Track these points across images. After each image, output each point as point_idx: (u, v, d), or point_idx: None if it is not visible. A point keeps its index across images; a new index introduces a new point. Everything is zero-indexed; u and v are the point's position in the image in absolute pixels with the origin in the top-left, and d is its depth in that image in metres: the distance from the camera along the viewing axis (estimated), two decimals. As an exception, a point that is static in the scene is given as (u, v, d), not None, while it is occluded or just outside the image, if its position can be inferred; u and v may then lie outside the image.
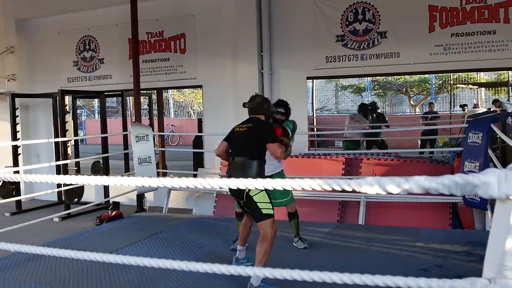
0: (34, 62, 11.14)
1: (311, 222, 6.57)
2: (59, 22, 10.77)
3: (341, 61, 8.32)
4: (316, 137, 12.58)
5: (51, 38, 10.93)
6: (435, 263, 4.73)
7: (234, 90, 8.92)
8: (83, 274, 4.57)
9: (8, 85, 10.95)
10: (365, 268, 4.03)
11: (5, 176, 2.66)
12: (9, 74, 11.08)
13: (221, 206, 7.84)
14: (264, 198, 4.15)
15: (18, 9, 10.96)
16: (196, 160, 10.03)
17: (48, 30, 10.96)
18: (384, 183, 1.53)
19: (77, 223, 8.10)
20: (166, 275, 4.36)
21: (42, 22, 11.02)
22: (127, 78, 9.62)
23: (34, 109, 11.02)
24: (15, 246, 2.22)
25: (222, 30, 9.06)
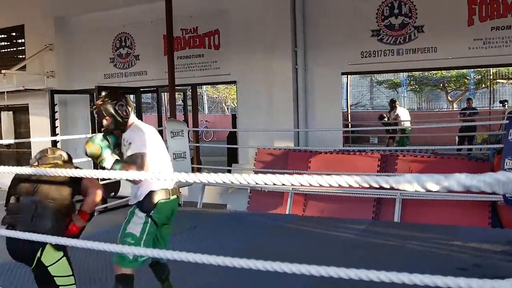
0: (72, 59, 11.37)
1: (346, 219, 6.51)
2: (96, 20, 10.96)
3: (377, 56, 8.20)
4: (351, 133, 12.45)
5: (88, 35, 11.13)
6: (474, 262, 4.62)
7: (268, 86, 8.90)
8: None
9: (47, 82, 11.23)
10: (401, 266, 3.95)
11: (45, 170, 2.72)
12: (48, 71, 11.35)
13: (255, 201, 7.85)
14: (63, 267, 2.99)
15: (56, 8, 11.20)
16: (230, 156, 10.07)
17: (85, 27, 11.17)
18: (423, 180, 1.49)
19: (114, 216, 8.23)
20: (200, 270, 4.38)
21: (79, 20, 11.24)
22: (162, 74, 9.72)
23: (72, 105, 11.26)
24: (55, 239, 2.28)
25: (256, 25, 9.05)
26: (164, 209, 3.32)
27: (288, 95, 8.70)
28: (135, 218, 3.27)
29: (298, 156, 7.95)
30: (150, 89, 10.96)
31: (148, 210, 3.25)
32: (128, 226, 3.24)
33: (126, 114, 3.38)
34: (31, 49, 11.60)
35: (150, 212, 3.25)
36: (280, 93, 8.79)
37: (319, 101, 8.67)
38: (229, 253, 1.84)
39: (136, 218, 3.27)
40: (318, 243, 5.43)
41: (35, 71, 11.48)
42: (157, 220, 3.28)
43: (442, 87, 21.18)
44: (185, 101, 11.15)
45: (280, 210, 7.48)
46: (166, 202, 3.33)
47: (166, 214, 3.36)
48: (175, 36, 9.25)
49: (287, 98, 8.71)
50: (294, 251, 5.02)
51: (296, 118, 8.74)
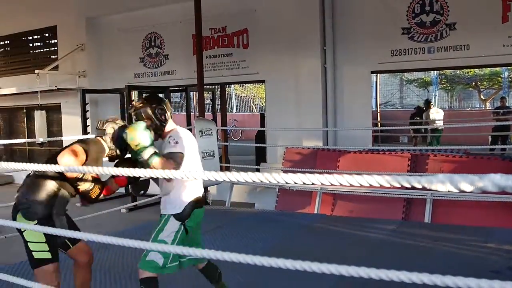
0: (103, 59, 11.55)
1: (375, 219, 6.44)
2: (126, 20, 11.10)
3: (407, 54, 8.09)
4: (380, 133, 12.32)
5: (118, 35, 11.28)
6: (508, 265, 4.51)
7: (297, 85, 8.88)
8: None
9: (79, 81, 11.44)
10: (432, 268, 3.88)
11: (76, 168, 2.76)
12: (80, 71, 11.56)
13: (283, 200, 7.84)
14: (36, 235, 2.98)
15: (88, 8, 11.39)
16: (259, 155, 10.08)
17: (115, 28, 11.32)
18: (456, 180, 1.46)
19: (143, 214, 8.34)
20: (228, 268, 4.38)
21: (110, 20, 11.40)
22: (191, 73, 9.79)
23: (102, 104, 11.42)
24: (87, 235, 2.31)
25: (285, 24, 9.02)
26: (198, 217, 3.33)
27: (317, 94, 8.65)
28: (168, 226, 3.23)
29: (326, 156, 7.90)
30: (179, 88, 11.04)
31: (184, 219, 3.23)
32: (161, 234, 3.19)
33: (165, 119, 3.36)
34: (64, 49, 11.83)
35: (185, 221, 3.24)
36: (309, 92, 8.75)
37: (348, 100, 8.60)
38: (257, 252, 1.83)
39: (169, 226, 3.22)
40: (346, 243, 5.38)
41: (67, 71, 11.70)
42: (189, 229, 3.27)
43: (475, 85, 20.76)
44: (213, 100, 11.20)
45: (308, 210, 7.45)
46: (200, 210, 3.35)
47: (198, 221, 3.37)
48: (204, 35, 9.29)
49: (316, 97, 8.66)
50: (322, 251, 4.99)
51: (325, 117, 8.68)
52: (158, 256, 3.13)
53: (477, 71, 19.38)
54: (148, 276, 3.13)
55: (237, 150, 13.17)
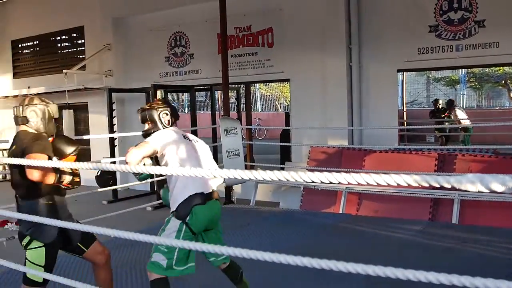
0: (129, 58, 11.67)
1: (401, 219, 6.37)
2: (152, 20, 11.20)
3: (434, 52, 7.97)
4: (406, 132, 12.16)
5: (144, 35, 11.39)
6: (538, 267, 4.41)
7: (322, 84, 8.83)
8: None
9: (105, 81, 11.58)
10: (460, 269, 3.81)
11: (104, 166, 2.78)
12: (106, 70, 11.71)
13: (308, 200, 7.80)
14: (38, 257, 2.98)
15: (114, 9, 11.53)
16: (283, 154, 10.05)
17: (141, 27, 11.43)
18: (487, 180, 1.42)
19: (168, 212, 8.39)
20: (252, 267, 4.38)
21: (136, 20, 11.51)
22: (215, 72, 9.82)
23: (129, 103, 11.54)
24: (114, 232, 2.34)
25: (310, 23, 8.98)
26: (201, 215, 3.17)
27: (342, 92, 8.59)
28: (169, 225, 3.20)
29: (352, 155, 7.85)
30: (204, 87, 11.09)
31: (183, 217, 3.15)
32: (163, 234, 3.18)
33: (168, 123, 3.47)
34: (91, 49, 12.00)
35: (185, 219, 3.14)
36: (334, 90, 8.69)
37: (374, 99, 8.52)
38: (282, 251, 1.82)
39: (170, 225, 3.19)
40: (372, 243, 5.33)
41: (94, 71, 11.87)
42: (193, 228, 3.15)
43: (504, 84, 20.33)
44: (238, 99, 11.23)
45: (333, 209, 7.40)
46: (202, 207, 3.18)
47: (203, 220, 3.21)
48: (228, 34, 9.31)
49: (341, 96, 8.60)
50: (347, 250, 4.95)
51: (350, 116, 8.62)
52: (161, 258, 3.10)
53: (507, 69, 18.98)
54: (156, 278, 3.11)
55: (262, 149, 13.16)
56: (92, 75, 11.84)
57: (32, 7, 13.48)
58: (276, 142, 11.43)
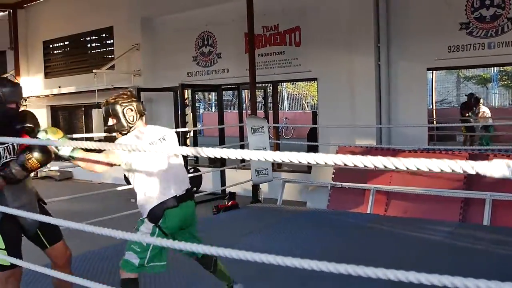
0: (157, 58, 11.78)
1: (431, 220, 6.26)
2: (179, 20, 11.28)
3: (465, 50, 7.82)
4: (436, 131, 11.97)
5: (172, 34, 11.48)
6: None
7: (349, 83, 8.76)
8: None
9: (134, 80, 11.72)
10: (492, 272, 3.74)
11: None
12: (135, 70, 11.85)
13: (335, 199, 7.74)
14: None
15: (143, 9, 11.66)
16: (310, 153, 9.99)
17: (169, 27, 11.52)
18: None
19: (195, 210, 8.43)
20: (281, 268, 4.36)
21: (164, 20, 11.61)
22: (243, 71, 9.83)
23: (157, 102, 11.65)
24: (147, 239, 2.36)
25: (338, 21, 8.92)
26: (173, 218, 3.15)
27: (370, 92, 8.50)
28: (142, 227, 3.16)
29: (380, 154, 7.65)
30: (231, 86, 11.11)
31: (155, 220, 3.12)
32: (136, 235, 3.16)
33: (133, 120, 3.25)
34: (119, 49, 12.16)
35: (158, 222, 3.12)
36: (362, 90, 8.61)
37: (402, 98, 8.40)
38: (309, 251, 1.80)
39: (144, 228, 3.16)
40: (400, 244, 5.25)
41: (123, 70, 12.02)
42: (166, 230, 3.12)
43: (538, 82, 19.86)
44: (265, 98, 11.22)
45: (361, 209, 7.32)
46: (174, 209, 3.15)
47: (176, 222, 3.19)
48: (256, 33, 9.30)
49: (369, 95, 8.51)
50: (375, 251, 4.89)
51: (379, 115, 8.52)
52: (133, 256, 3.09)
53: (541, 67, 18.53)
54: (126, 277, 3.10)
55: (289, 148, 13.10)
56: (121, 75, 11.99)
57: (63, 9, 13.72)
58: (303, 141, 11.38)
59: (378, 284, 3.87)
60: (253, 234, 5.85)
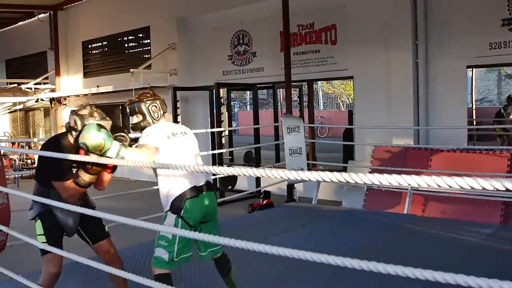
0: (192, 57, 11.87)
1: (470, 222, 6.10)
2: (215, 19, 11.34)
3: (508, 47, 7.58)
4: (476, 131, 11.68)
5: (207, 34, 11.55)
6: None
7: (386, 81, 8.63)
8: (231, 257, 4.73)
9: (170, 79, 11.85)
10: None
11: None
12: (171, 69, 11.97)
13: (371, 199, 7.65)
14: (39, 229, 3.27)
15: (179, 8, 11.77)
16: (346, 152, 9.91)
17: (205, 26, 11.60)
18: None
19: (230, 209, 8.47)
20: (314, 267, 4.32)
21: (199, 19, 11.70)
22: (278, 70, 9.80)
23: (192, 101, 11.75)
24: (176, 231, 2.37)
25: (375, 19, 8.79)
26: (195, 208, 3.25)
27: (407, 90, 8.36)
28: (166, 221, 3.25)
29: (418, 154, 7.61)
30: (267, 85, 11.11)
31: (177, 211, 3.22)
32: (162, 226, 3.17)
33: (157, 117, 3.40)
34: (156, 49, 12.31)
35: (180, 213, 3.21)
36: (400, 88, 8.47)
37: (441, 96, 8.22)
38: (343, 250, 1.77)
39: (167, 221, 3.25)
40: (438, 246, 5.13)
41: (159, 70, 12.16)
42: (189, 221, 3.22)
43: None
44: (300, 97, 11.17)
45: (397, 210, 7.21)
46: (195, 199, 3.24)
47: (197, 212, 3.28)
48: (291, 32, 9.28)
49: (407, 94, 8.37)
50: (412, 252, 4.80)
51: (416, 114, 8.37)
52: (162, 252, 3.19)
53: None
54: (159, 273, 3.18)
55: (324, 147, 13.03)
56: (157, 74, 12.14)
57: (101, 10, 13.98)
58: (338, 140, 11.28)
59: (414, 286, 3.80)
60: (286, 232, 5.83)
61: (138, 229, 3.50)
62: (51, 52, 15.56)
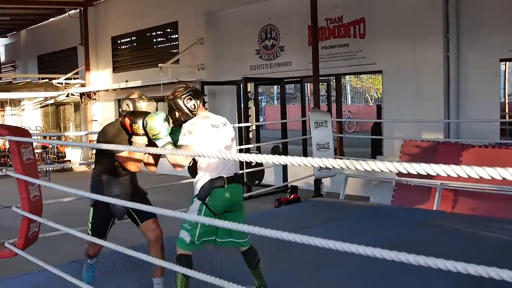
0: (220, 52, 11.90)
1: (503, 219, 5.97)
2: (242, 13, 11.33)
3: (543, 40, 7.38)
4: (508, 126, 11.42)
5: (235, 28, 11.56)
6: None
7: (416, 75, 8.50)
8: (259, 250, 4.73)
9: (198, 74, 11.91)
10: None
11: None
12: (199, 64, 12.03)
13: (400, 195, 7.55)
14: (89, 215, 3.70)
15: (207, 3, 11.81)
16: (374, 147, 9.80)
17: (233, 21, 11.60)
18: None
19: (257, 204, 8.48)
20: (343, 260, 4.30)
21: (227, 14, 11.71)
22: (306, 64, 9.75)
23: (220, 96, 11.79)
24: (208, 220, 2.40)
25: (404, 12, 8.66)
26: (220, 197, 3.38)
27: (438, 84, 8.21)
28: (192, 206, 3.43)
29: (448, 149, 7.47)
30: (294, 79, 11.06)
31: (202, 198, 3.38)
32: (187, 213, 3.39)
33: (194, 107, 3.52)
34: (184, 43, 12.39)
35: (205, 200, 3.37)
36: (430, 82, 8.33)
37: (473, 90, 8.05)
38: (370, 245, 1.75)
39: (193, 206, 3.42)
40: (469, 243, 5.04)
41: (187, 64, 12.24)
42: (212, 208, 3.37)
43: None
44: (328, 91, 11.09)
45: (426, 206, 7.10)
46: (221, 189, 3.38)
47: (222, 201, 3.41)
48: (319, 26, 9.21)
49: (437, 88, 8.23)
50: (442, 249, 4.72)
51: (447, 108, 8.22)
52: (185, 234, 3.37)
53: None
54: (181, 253, 3.39)
55: (352, 142, 12.93)
56: (185, 69, 12.22)
57: (130, 5, 14.14)
58: (366, 135, 11.18)
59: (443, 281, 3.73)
60: (313, 227, 5.80)
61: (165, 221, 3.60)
62: (81, 48, 15.81)
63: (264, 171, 9.45)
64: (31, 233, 3.69)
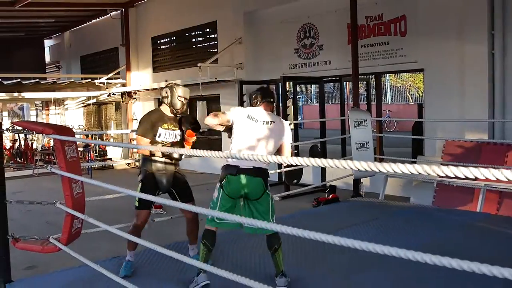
0: (258, 51, 11.91)
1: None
2: (281, 12, 11.31)
3: None
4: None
5: (274, 27, 11.54)
6: None
7: (459, 74, 8.29)
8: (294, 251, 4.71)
9: (236, 73, 11.95)
10: None
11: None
12: (237, 63, 12.07)
13: (441, 196, 7.39)
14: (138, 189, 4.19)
15: (246, 3, 11.84)
16: (415, 147, 9.61)
17: (271, 20, 11.59)
18: None
19: (295, 203, 8.46)
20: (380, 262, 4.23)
21: (266, 13, 11.71)
22: (345, 63, 9.65)
23: (258, 95, 11.78)
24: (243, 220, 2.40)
25: (446, 8, 8.46)
26: (231, 183, 3.71)
27: (482, 83, 7.99)
28: (217, 186, 3.84)
29: (492, 150, 7.27)
30: (333, 78, 10.97)
31: (221, 180, 3.78)
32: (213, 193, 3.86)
33: (256, 103, 4.00)
34: (223, 43, 12.45)
35: (222, 183, 3.76)
36: (473, 80, 8.11)
37: (519, 89, 7.79)
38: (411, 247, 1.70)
39: (216, 186, 3.84)
40: (496, 243, 4.88)
41: (226, 64, 12.30)
42: (226, 191, 3.73)
43: None
44: (368, 90, 10.95)
45: (469, 207, 6.92)
46: (234, 177, 3.71)
47: (233, 187, 3.71)
48: (359, 24, 9.10)
49: (481, 86, 8.00)
50: (486, 252, 4.58)
51: (492, 108, 7.98)
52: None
53: None
54: (206, 228, 3.81)
55: (392, 142, 12.73)
56: (224, 68, 12.28)
57: (170, 6, 14.31)
58: (406, 134, 10.98)
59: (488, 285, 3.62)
60: (352, 227, 5.73)
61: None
62: (122, 48, 16.12)
63: (302, 170, 9.40)
64: (74, 229, 3.77)
